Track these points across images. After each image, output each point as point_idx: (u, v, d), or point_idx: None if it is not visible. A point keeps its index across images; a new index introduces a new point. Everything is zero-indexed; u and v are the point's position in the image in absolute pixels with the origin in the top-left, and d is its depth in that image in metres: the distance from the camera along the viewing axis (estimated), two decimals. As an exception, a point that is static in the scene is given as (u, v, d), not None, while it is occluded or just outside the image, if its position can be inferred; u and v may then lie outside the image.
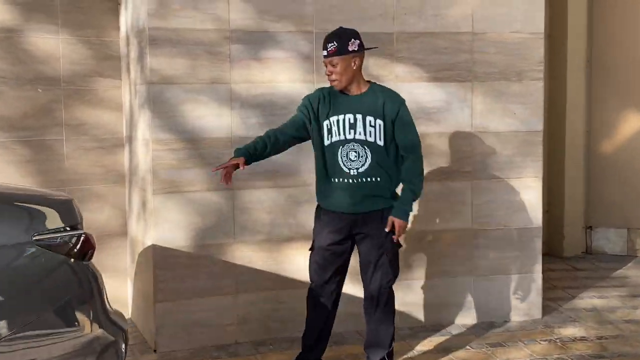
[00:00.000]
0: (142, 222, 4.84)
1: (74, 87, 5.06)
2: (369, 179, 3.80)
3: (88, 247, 2.83)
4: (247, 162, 3.78)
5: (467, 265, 5.19)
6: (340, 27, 3.88)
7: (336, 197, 3.87)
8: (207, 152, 4.69)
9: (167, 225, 4.63)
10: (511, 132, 5.21)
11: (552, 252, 7.16)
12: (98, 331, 2.82)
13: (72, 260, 2.77)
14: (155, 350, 4.68)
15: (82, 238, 2.81)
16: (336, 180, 3.85)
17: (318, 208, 4.06)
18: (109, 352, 2.87)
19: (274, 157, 4.18)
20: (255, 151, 3.83)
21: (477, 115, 5.15)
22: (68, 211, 2.86)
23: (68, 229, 2.80)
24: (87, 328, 2.79)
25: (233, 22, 4.69)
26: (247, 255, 4.82)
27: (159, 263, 4.65)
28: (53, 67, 4.99)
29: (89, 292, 2.83)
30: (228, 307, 4.80)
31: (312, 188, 4.64)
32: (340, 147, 3.83)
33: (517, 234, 5.26)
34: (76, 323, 2.77)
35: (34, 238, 2.62)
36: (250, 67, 4.74)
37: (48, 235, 2.68)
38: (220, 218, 4.74)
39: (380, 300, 3.99)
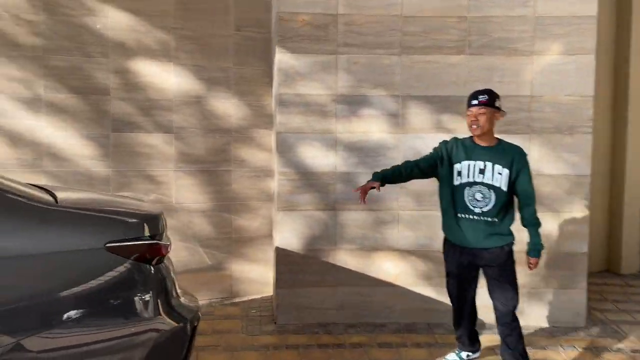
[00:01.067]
0: (274, 229, 4.27)
1: (240, 135, 4.64)
2: (491, 219, 2.95)
3: (155, 254, 2.25)
4: (382, 184, 3.04)
5: (524, 280, 4.06)
6: (489, 88, 3.05)
7: (462, 232, 3.01)
8: (316, 182, 4.05)
9: (286, 234, 4.04)
10: (563, 175, 4.04)
11: (611, 269, 5.67)
12: (160, 320, 2.23)
13: (139, 263, 2.18)
14: (275, 322, 4.06)
15: (149, 246, 2.23)
16: (462, 215, 2.99)
17: (445, 241, 3.18)
18: (171, 335, 2.26)
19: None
20: (392, 176, 3.06)
21: (534, 161, 4.03)
22: (153, 223, 2.29)
23: (143, 237, 2.23)
24: (148, 317, 2.23)
25: (339, 89, 4.02)
26: (344, 259, 4.09)
27: (280, 260, 4.07)
28: (227, 121, 4.61)
29: (153, 289, 2.22)
30: (329, 296, 4.10)
31: (394, 212, 3.87)
32: (468, 187, 2.97)
33: (565, 256, 4.06)
34: (137, 313, 2.21)
35: (106, 245, 2.07)
36: (351, 121, 4.05)
37: (118, 243, 2.12)
38: (325, 230, 4.08)
39: (506, 322, 3.08)
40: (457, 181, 3.00)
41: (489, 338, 3.71)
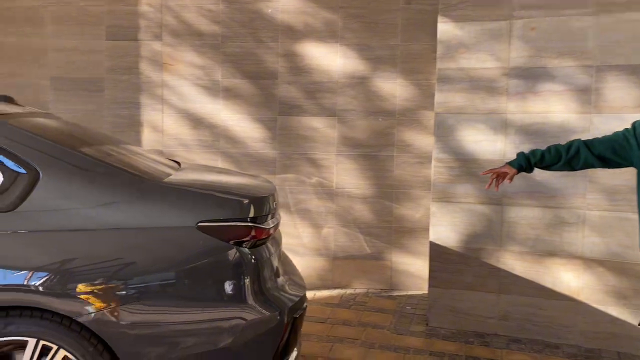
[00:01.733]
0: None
1: (405, 117, 4.25)
2: None
3: (250, 237, 2.07)
4: (527, 171, 2.29)
5: None
6: None
7: None
8: (479, 171, 3.43)
9: (442, 227, 3.54)
10: None
11: None
12: (248, 307, 2.04)
13: (232, 245, 2.01)
14: (427, 324, 3.62)
15: (243, 228, 2.05)
16: None
17: None
18: (262, 325, 2.06)
19: (541, 178, 2.76)
20: (541, 161, 2.22)
21: None
22: (254, 205, 2.12)
23: (237, 219, 2.05)
24: (235, 302, 2.04)
25: (512, 61, 3.33)
26: (511, 262, 3.42)
27: (434, 256, 3.60)
28: (391, 103, 4.27)
29: (244, 274, 2.04)
30: (491, 302, 3.48)
31: (579, 211, 3.12)
32: None
33: None
34: (224, 297, 2.03)
35: (198, 224, 1.96)
36: (526, 99, 3.33)
37: (210, 223, 1.99)
38: (488, 227, 3.46)
39: None
40: None
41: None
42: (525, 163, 2.26)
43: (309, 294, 4.19)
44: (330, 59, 4.31)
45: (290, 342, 2.24)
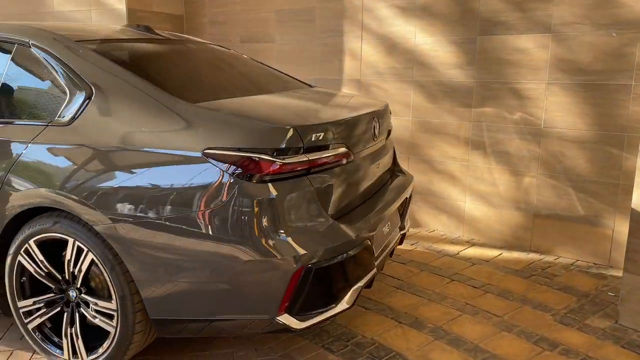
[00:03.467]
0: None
1: (652, 29, 3.10)
2: None
3: (257, 170, 1.93)
4: None
5: None
6: None
7: None
8: None
9: (651, 190, 2.55)
10: None
11: None
12: (244, 247, 1.92)
13: (237, 178, 1.93)
14: (616, 321, 2.76)
15: (248, 160, 1.92)
16: None
17: None
18: (259, 269, 1.94)
19: None
20: None
21: None
22: (293, 133, 1.96)
23: (245, 149, 1.92)
24: (230, 240, 1.93)
25: None
26: None
27: (634, 231, 2.65)
28: (632, 10, 3.17)
29: (243, 210, 1.92)
30: None
31: None
32: None
33: None
34: (218, 232, 1.94)
35: (204, 151, 1.98)
36: None
37: (215, 151, 1.97)
38: None
39: None
40: None
41: None
42: None
43: (494, 252, 3.66)
44: (549, -44, 3.39)
45: (317, 295, 2.04)
